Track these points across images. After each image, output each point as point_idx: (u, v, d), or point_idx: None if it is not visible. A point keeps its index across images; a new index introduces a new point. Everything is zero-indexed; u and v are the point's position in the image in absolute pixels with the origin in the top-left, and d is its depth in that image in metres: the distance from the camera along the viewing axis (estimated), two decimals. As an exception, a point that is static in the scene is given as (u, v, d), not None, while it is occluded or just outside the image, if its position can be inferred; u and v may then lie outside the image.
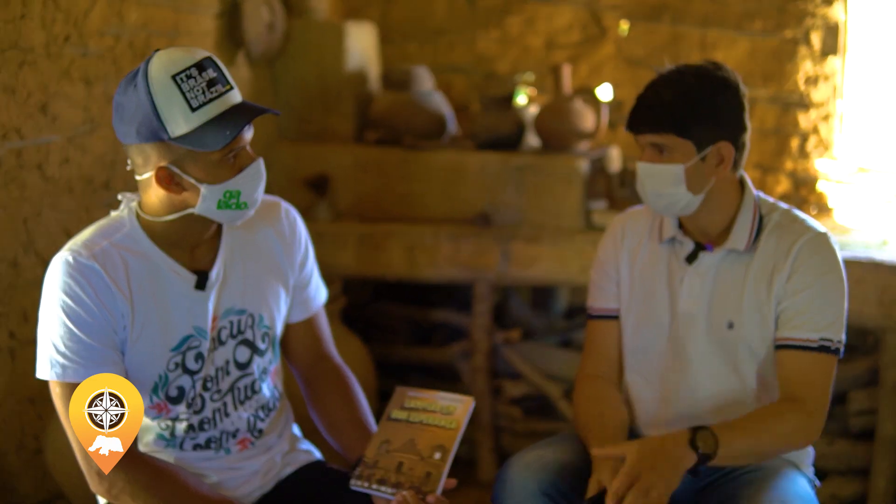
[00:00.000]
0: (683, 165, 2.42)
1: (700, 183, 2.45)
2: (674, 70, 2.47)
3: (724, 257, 2.52)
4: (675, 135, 2.41)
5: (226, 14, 4.42)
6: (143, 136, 2.10)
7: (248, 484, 2.41)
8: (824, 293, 2.42)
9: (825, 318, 2.41)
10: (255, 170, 2.21)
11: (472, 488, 4.35)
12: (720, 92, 2.43)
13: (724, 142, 2.44)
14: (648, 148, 2.46)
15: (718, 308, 2.51)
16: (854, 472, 3.91)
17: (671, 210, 2.49)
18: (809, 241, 2.45)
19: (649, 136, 2.43)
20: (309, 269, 2.56)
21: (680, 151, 2.42)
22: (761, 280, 2.48)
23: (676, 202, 2.46)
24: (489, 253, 4.33)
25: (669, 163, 2.42)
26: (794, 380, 2.41)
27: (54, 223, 3.42)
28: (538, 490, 2.37)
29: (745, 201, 2.53)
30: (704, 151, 2.42)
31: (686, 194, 2.44)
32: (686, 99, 2.40)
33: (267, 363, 2.44)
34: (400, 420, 2.36)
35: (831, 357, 2.42)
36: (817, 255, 2.44)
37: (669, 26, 4.97)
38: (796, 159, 4.85)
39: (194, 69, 2.09)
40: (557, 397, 4.36)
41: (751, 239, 2.50)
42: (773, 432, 2.36)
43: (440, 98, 4.83)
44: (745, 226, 2.50)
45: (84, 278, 2.12)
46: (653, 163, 2.45)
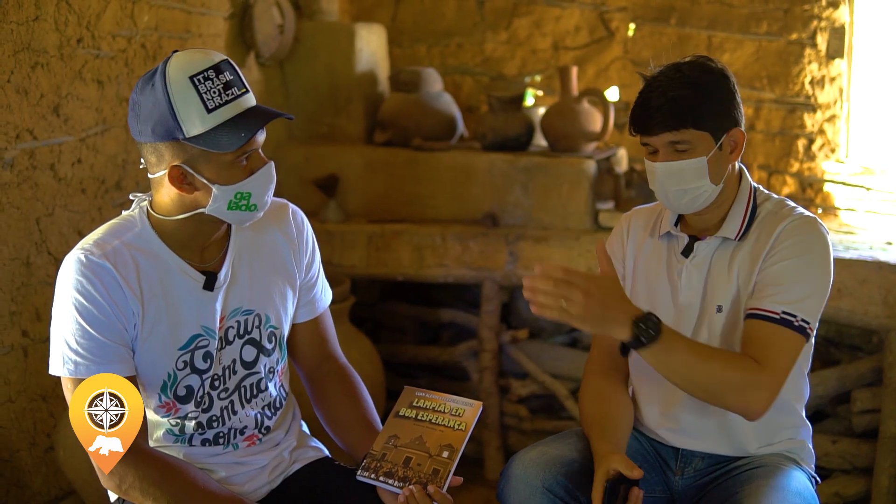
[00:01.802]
0: (705, 157, 2.42)
1: (720, 172, 2.46)
2: (671, 68, 2.48)
3: (719, 246, 2.53)
4: (694, 128, 2.40)
5: (237, 16, 4.46)
6: (158, 134, 2.13)
7: (255, 480, 2.42)
8: (799, 270, 2.39)
9: (792, 294, 2.37)
10: (267, 173, 2.24)
11: (480, 486, 4.37)
12: (722, 81, 2.46)
13: (735, 128, 2.47)
14: (665, 147, 2.44)
15: (710, 294, 2.52)
16: (858, 471, 3.92)
17: (694, 205, 2.49)
18: (794, 222, 2.45)
19: (666, 135, 2.42)
20: (315, 271, 2.57)
21: (700, 144, 2.42)
22: (746, 262, 2.47)
23: (700, 195, 2.46)
24: (497, 253, 4.35)
25: (691, 157, 2.42)
26: (753, 345, 2.37)
27: (66, 223, 3.44)
28: (542, 486, 2.37)
29: (742, 191, 2.54)
30: (720, 140, 2.44)
31: (710, 186, 2.45)
32: (697, 92, 2.41)
33: (274, 362, 2.46)
34: (408, 418, 2.37)
35: (794, 334, 2.36)
36: (800, 234, 2.43)
37: (676, 28, 4.99)
38: (802, 161, 4.86)
39: (212, 71, 2.13)
40: (564, 396, 4.38)
41: (742, 227, 2.50)
42: (719, 370, 2.30)
43: (449, 99, 4.85)
44: (738, 214, 2.51)
45: (96, 277, 2.14)
46: (673, 161, 2.44)
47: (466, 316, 4.69)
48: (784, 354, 2.36)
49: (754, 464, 2.48)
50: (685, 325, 2.55)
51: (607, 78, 5.24)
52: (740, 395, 2.33)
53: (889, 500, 3.74)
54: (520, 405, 4.52)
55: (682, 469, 2.60)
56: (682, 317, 2.56)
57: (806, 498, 2.35)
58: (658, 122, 2.42)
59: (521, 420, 4.51)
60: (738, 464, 2.52)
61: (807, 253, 2.41)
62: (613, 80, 5.22)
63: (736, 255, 2.50)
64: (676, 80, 2.43)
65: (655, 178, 2.48)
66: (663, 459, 2.64)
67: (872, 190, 4.60)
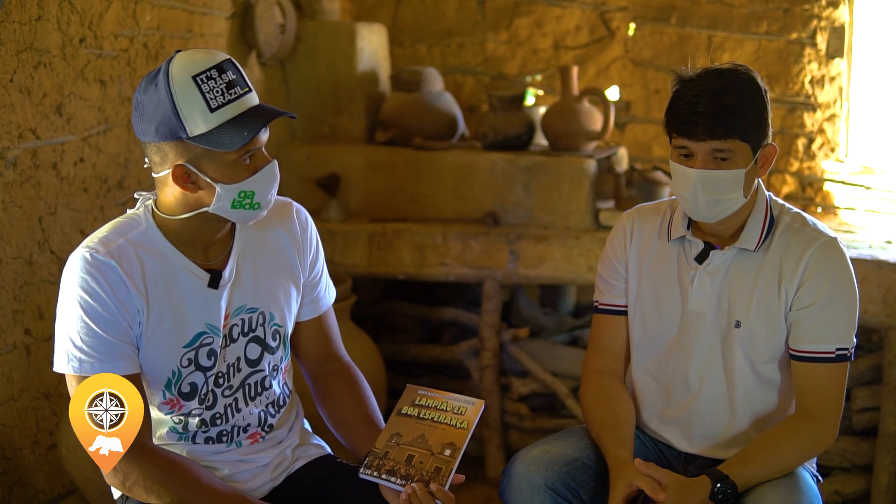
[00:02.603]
0: (744, 170, 2.39)
1: (750, 185, 2.44)
2: (713, 73, 2.41)
3: (735, 256, 2.51)
4: (740, 139, 2.36)
5: (238, 16, 4.46)
6: (161, 134, 2.14)
7: (258, 477, 2.43)
8: (839, 303, 2.43)
9: (841, 328, 2.43)
10: (270, 171, 2.25)
11: (481, 485, 4.37)
12: (762, 94, 2.42)
13: (769, 142, 2.44)
14: (706, 154, 2.38)
15: (727, 307, 2.51)
16: (857, 469, 3.93)
17: (723, 215, 2.45)
18: (820, 250, 2.44)
19: (713, 142, 2.36)
20: (319, 269, 2.58)
21: (741, 156, 2.38)
22: (771, 281, 2.47)
23: (731, 207, 2.44)
24: (498, 252, 4.36)
25: (730, 167, 2.38)
26: (811, 393, 2.44)
27: (69, 222, 3.45)
28: (544, 485, 2.39)
29: (759, 202, 2.52)
30: (757, 154, 2.42)
31: (741, 198, 2.43)
32: (746, 103, 2.37)
33: (278, 360, 2.47)
34: (410, 416, 2.38)
35: (846, 364, 2.46)
36: (828, 262, 2.43)
37: (676, 28, 5.00)
38: (802, 160, 4.87)
39: (214, 70, 2.14)
40: (565, 395, 4.39)
41: (761, 238, 2.49)
42: (788, 453, 2.41)
43: (450, 99, 4.86)
44: (756, 225, 2.50)
45: (101, 275, 2.15)
46: (712, 169, 2.39)
47: (467, 315, 4.69)
48: (840, 391, 2.46)
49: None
50: (692, 331, 2.54)
51: (608, 77, 5.25)
52: (812, 454, 2.49)
53: (889, 497, 3.75)
54: (521, 403, 4.52)
55: (685, 468, 2.61)
56: (690, 323, 2.56)
57: (809, 497, 2.37)
58: (705, 129, 2.35)
59: (521, 418, 4.52)
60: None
61: (841, 282, 2.45)
62: (614, 79, 5.23)
63: (759, 271, 2.49)
64: (725, 88, 2.37)
65: (689, 184, 2.41)
66: (666, 458, 2.65)
67: (872, 189, 4.61)
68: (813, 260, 2.44)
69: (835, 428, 2.45)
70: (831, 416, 2.44)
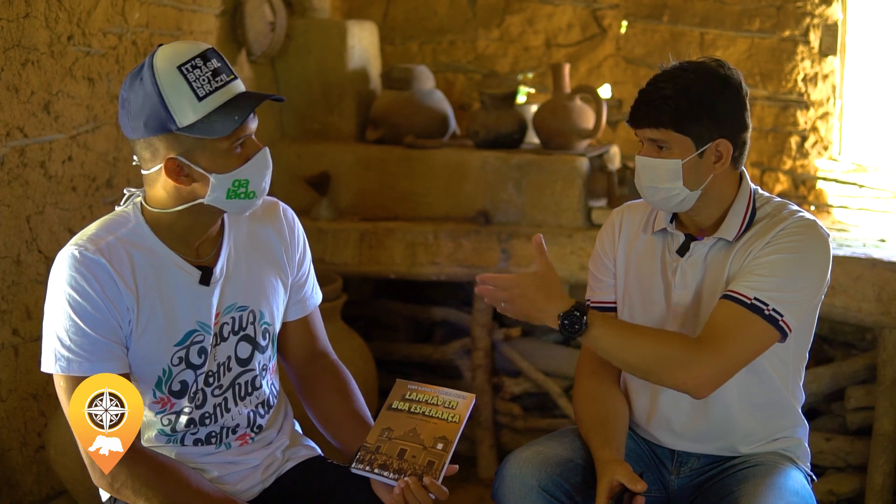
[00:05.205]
0: (681, 161, 2.41)
1: (697, 179, 2.44)
2: (676, 66, 2.46)
3: (713, 246, 2.50)
4: (674, 130, 2.40)
5: (228, 13, 4.44)
6: (151, 128, 2.12)
7: (248, 479, 2.42)
8: (786, 266, 2.36)
9: (772, 285, 2.34)
10: (262, 158, 2.24)
11: (473, 485, 4.37)
12: (721, 90, 2.42)
13: (722, 139, 2.43)
14: (647, 142, 2.46)
15: (707, 295, 2.50)
16: (852, 468, 3.92)
17: (667, 204, 2.48)
18: (795, 223, 2.42)
19: (648, 131, 2.43)
20: (306, 269, 2.57)
21: (678, 147, 2.41)
22: (739, 262, 2.44)
23: (673, 197, 2.45)
24: (489, 251, 4.35)
25: (667, 157, 2.42)
26: (710, 324, 2.36)
27: (57, 221, 3.43)
28: (537, 486, 2.38)
29: (741, 194, 2.51)
30: (702, 148, 2.41)
31: (683, 190, 2.43)
32: (686, 95, 2.39)
33: (267, 360, 2.46)
34: (401, 410, 2.37)
35: (763, 323, 2.33)
36: (798, 234, 2.40)
37: (668, 25, 4.99)
38: (795, 158, 4.87)
39: (199, 59, 2.13)
40: (557, 394, 4.38)
41: (741, 229, 2.47)
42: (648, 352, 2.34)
43: (441, 97, 4.85)
44: (737, 217, 2.49)
45: (90, 273, 2.13)
46: (650, 157, 2.45)
47: (459, 314, 4.68)
48: (742, 339, 2.33)
49: (751, 462, 2.48)
50: (677, 323, 2.54)
51: (600, 75, 5.24)
52: (676, 371, 2.32)
53: (883, 497, 3.75)
54: (513, 403, 4.52)
55: (678, 468, 2.60)
56: (675, 316, 2.55)
57: (803, 497, 2.36)
58: (643, 117, 2.44)
59: (514, 418, 4.51)
60: (734, 462, 2.52)
61: (801, 252, 2.38)
62: (606, 77, 5.22)
63: (729, 256, 2.47)
64: (674, 79, 2.41)
65: (636, 171, 2.51)
66: (659, 459, 2.64)
67: (865, 187, 4.61)
68: (785, 230, 2.41)
69: (713, 367, 2.31)
70: (713, 356, 2.30)
